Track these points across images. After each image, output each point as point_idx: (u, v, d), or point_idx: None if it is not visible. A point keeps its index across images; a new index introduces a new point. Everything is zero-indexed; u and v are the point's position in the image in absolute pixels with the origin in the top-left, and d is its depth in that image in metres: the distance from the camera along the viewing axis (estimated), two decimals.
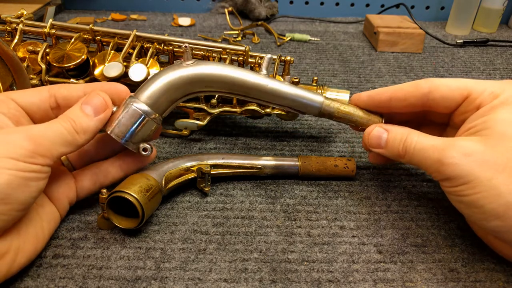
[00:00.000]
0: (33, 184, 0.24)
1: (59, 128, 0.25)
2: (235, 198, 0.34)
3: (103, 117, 0.28)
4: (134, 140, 0.29)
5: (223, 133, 0.42)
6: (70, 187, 0.30)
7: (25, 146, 0.23)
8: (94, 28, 0.41)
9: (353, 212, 0.33)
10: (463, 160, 0.25)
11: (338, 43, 0.68)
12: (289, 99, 0.32)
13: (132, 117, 0.28)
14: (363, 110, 0.33)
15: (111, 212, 0.29)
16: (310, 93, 0.33)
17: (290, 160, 0.35)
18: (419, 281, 0.27)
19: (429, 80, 0.30)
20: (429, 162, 0.27)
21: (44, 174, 0.25)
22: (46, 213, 0.28)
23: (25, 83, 0.33)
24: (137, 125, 0.29)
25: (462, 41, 0.68)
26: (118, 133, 0.28)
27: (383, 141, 0.30)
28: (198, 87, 0.31)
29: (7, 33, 0.42)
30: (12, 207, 0.23)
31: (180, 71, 0.30)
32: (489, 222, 0.25)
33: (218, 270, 0.27)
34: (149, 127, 0.29)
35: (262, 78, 0.32)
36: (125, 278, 0.27)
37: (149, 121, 0.29)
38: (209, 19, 0.77)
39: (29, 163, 0.23)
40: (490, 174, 0.24)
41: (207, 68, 0.31)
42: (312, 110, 0.33)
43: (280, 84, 0.32)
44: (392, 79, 0.56)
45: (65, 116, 0.26)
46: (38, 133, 0.25)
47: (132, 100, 0.29)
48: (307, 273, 0.27)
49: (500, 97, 0.27)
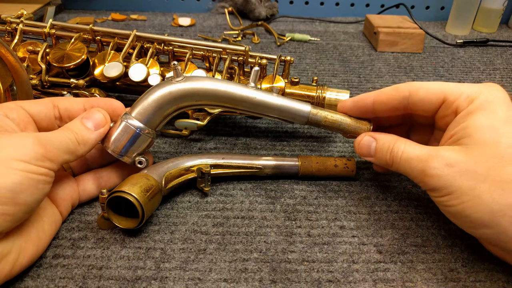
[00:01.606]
0: (41, 187, 0.25)
1: (64, 137, 0.27)
2: (235, 198, 0.34)
3: (103, 131, 0.30)
4: (129, 154, 0.31)
5: (223, 133, 0.42)
6: (73, 190, 0.31)
7: (36, 149, 0.24)
8: (94, 28, 0.41)
9: (353, 212, 0.33)
10: (446, 171, 0.25)
11: (338, 43, 0.68)
12: (277, 110, 0.33)
13: (126, 133, 0.30)
14: (351, 117, 0.33)
15: (111, 212, 0.29)
16: (297, 103, 0.33)
17: (290, 160, 0.35)
18: (419, 281, 0.27)
19: (409, 83, 0.30)
20: (415, 172, 0.27)
21: (50, 178, 0.26)
22: (48, 215, 0.28)
23: (25, 83, 0.33)
24: (131, 141, 0.30)
25: (462, 41, 0.68)
26: (114, 149, 0.30)
27: (372, 150, 0.31)
28: (188, 101, 0.32)
29: (7, 33, 0.42)
30: (20, 208, 0.24)
31: (169, 87, 0.31)
32: (478, 230, 0.25)
33: (218, 270, 0.27)
34: (143, 142, 0.31)
35: (250, 91, 0.33)
36: (125, 278, 0.27)
37: (143, 136, 0.30)
38: (209, 19, 0.77)
39: (39, 166, 0.24)
40: (472, 184, 0.25)
41: (196, 84, 0.32)
42: (300, 119, 0.34)
43: (267, 96, 0.33)
44: (392, 79, 0.56)
45: (68, 128, 0.28)
46: (47, 139, 0.26)
47: (127, 117, 0.30)
48: (307, 273, 0.27)
49: (475, 101, 0.27)
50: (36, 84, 0.39)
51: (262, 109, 0.33)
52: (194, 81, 0.32)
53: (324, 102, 0.39)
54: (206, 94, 0.32)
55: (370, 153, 0.31)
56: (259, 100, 0.33)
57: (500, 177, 0.24)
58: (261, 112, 0.34)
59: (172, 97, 0.31)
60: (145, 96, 0.31)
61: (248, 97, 0.33)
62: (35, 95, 0.40)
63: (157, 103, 0.31)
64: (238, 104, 0.33)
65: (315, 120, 0.33)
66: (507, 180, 0.24)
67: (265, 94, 0.33)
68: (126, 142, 0.30)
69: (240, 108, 0.33)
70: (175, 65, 0.31)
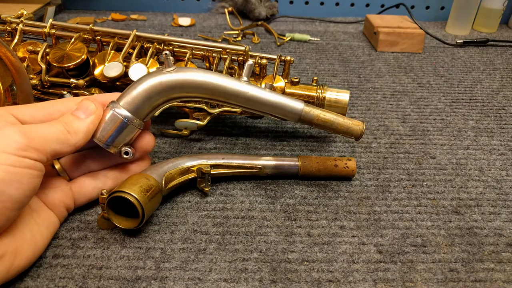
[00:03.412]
0: (26, 181, 0.24)
1: (52, 127, 0.26)
2: (235, 198, 0.34)
3: (94, 118, 0.28)
4: (115, 144, 0.30)
5: (223, 133, 0.42)
6: (66, 194, 0.30)
7: (17, 139, 0.23)
8: (94, 28, 0.41)
9: (353, 212, 0.33)
10: None
11: (338, 43, 0.68)
12: (269, 106, 0.33)
13: (113, 122, 0.29)
14: (344, 117, 0.33)
15: (111, 212, 0.29)
16: (290, 99, 0.33)
17: (290, 160, 0.35)
18: (419, 281, 0.27)
19: None
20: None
21: (37, 171, 0.24)
22: (43, 218, 0.28)
23: (25, 84, 0.33)
24: (118, 130, 0.29)
25: (462, 41, 0.68)
26: (99, 138, 0.29)
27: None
28: (178, 92, 0.31)
29: (7, 33, 0.42)
30: (4, 205, 0.23)
31: (160, 77, 0.30)
32: None
33: (218, 270, 0.27)
34: (130, 132, 0.30)
35: (242, 85, 0.32)
36: (125, 278, 0.27)
37: (130, 125, 0.30)
38: (209, 19, 0.77)
39: (22, 156, 0.23)
40: None
41: (187, 74, 0.31)
42: (292, 117, 0.33)
43: (260, 91, 0.33)
44: (392, 79, 0.56)
45: (57, 120, 0.27)
46: (31, 129, 0.25)
47: (114, 106, 0.29)
48: (307, 273, 0.27)
49: None
50: (36, 84, 0.39)
51: (254, 104, 0.33)
52: (185, 72, 0.31)
53: (324, 102, 0.39)
54: (197, 86, 0.31)
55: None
56: (251, 94, 0.32)
57: None
58: (253, 108, 0.33)
59: (162, 88, 0.30)
60: (134, 85, 0.30)
61: (240, 91, 0.32)
62: (35, 95, 0.40)
63: (147, 93, 0.30)
64: (230, 98, 0.32)
65: (308, 118, 0.33)
66: None
67: (257, 89, 0.33)
68: (112, 132, 0.29)
69: (232, 103, 0.33)
70: (166, 54, 0.30)
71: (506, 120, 0.47)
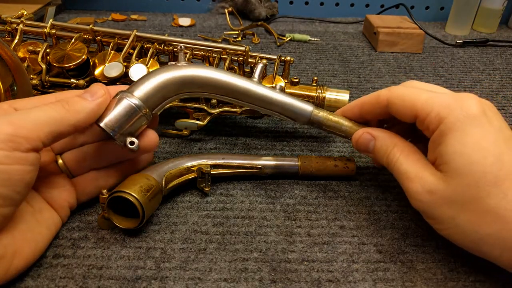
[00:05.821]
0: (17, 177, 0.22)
1: (45, 109, 0.24)
2: (235, 198, 0.34)
3: (101, 101, 0.27)
4: (123, 131, 0.29)
5: (223, 133, 0.42)
6: (70, 193, 0.30)
7: (4, 130, 0.22)
8: (94, 28, 0.41)
9: (353, 212, 0.33)
10: (427, 197, 0.26)
11: (338, 43, 0.68)
12: (279, 106, 0.33)
13: (124, 109, 0.28)
14: (352, 121, 0.33)
15: (111, 212, 0.29)
16: (300, 101, 0.33)
17: (290, 160, 0.35)
18: (419, 281, 0.27)
19: (390, 91, 0.29)
20: (404, 188, 0.28)
21: (29, 166, 0.23)
22: (45, 218, 0.28)
23: (25, 84, 0.33)
24: (128, 118, 0.28)
25: (462, 41, 0.68)
26: (108, 124, 0.28)
27: (371, 148, 0.31)
28: (189, 87, 0.32)
29: (7, 33, 0.42)
30: None
31: (173, 71, 0.31)
32: (470, 251, 0.26)
33: (218, 270, 0.27)
34: (139, 122, 0.29)
35: (253, 85, 0.33)
36: (125, 278, 0.27)
37: (140, 115, 0.29)
38: (209, 19, 0.77)
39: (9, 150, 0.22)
40: (452, 214, 0.25)
41: (199, 71, 0.31)
42: (302, 118, 0.34)
43: (271, 92, 0.33)
44: (392, 79, 0.56)
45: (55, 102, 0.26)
46: (20, 115, 0.23)
47: (125, 94, 0.29)
48: (307, 272, 0.27)
49: (445, 121, 0.25)
50: (37, 84, 0.39)
51: (265, 104, 0.33)
52: (199, 67, 0.32)
53: (324, 102, 0.39)
54: (207, 82, 0.32)
55: (369, 149, 0.31)
56: (262, 94, 0.33)
57: (477, 208, 0.24)
58: (263, 107, 0.33)
59: (176, 81, 0.30)
60: (147, 76, 0.30)
61: (251, 90, 0.32)
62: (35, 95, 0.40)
63: (159, 84, 0.30)
64: (241, 96, 0.33)
65: (317, 120, 0.33)
66: (485, 210, 0.24)
67: (268, 90, 0.33)
68: (121, 118, 0.28)
69: (243, 101, 0.33)
70: (181, 48, 0.30)
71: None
